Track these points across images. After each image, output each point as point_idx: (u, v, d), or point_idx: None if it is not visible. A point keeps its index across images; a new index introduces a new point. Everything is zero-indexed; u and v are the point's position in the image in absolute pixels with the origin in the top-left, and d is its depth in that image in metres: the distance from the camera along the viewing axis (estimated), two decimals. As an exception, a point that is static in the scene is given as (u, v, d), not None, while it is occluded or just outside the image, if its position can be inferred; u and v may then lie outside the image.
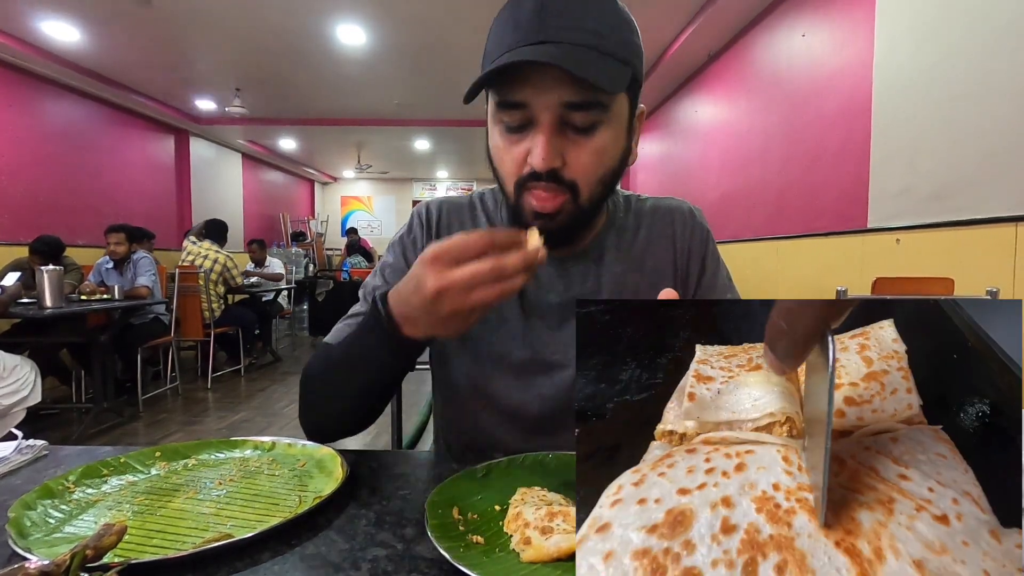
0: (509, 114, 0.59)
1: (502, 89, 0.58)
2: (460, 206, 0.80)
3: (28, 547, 0.46)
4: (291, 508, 0.54)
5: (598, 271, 0.73)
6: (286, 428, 3.40)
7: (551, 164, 0.58)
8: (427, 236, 0.78)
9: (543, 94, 0.57)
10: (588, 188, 0.61)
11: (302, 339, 7.09)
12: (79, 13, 3.93)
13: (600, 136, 0.59)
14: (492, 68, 0.55)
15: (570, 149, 0.59)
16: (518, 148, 0.60)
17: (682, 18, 4.01)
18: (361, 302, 0.79)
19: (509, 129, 0.60)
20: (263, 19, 4.08)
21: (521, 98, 0.58)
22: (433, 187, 11.80)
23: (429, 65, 5.03)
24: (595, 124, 0.59)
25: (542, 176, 0.59)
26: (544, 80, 0.56)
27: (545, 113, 0.57)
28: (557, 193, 0.60)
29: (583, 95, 0.56)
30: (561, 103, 0.57)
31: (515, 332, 0.73)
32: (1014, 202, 1.84)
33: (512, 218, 0.67)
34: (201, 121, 6.76)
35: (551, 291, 0.73)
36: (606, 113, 0.59)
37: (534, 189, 0.61)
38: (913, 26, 2.30)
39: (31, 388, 2.71)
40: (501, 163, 0.63)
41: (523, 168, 0.61)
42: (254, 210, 8.80)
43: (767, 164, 3.55)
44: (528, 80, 0.56)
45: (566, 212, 0.61)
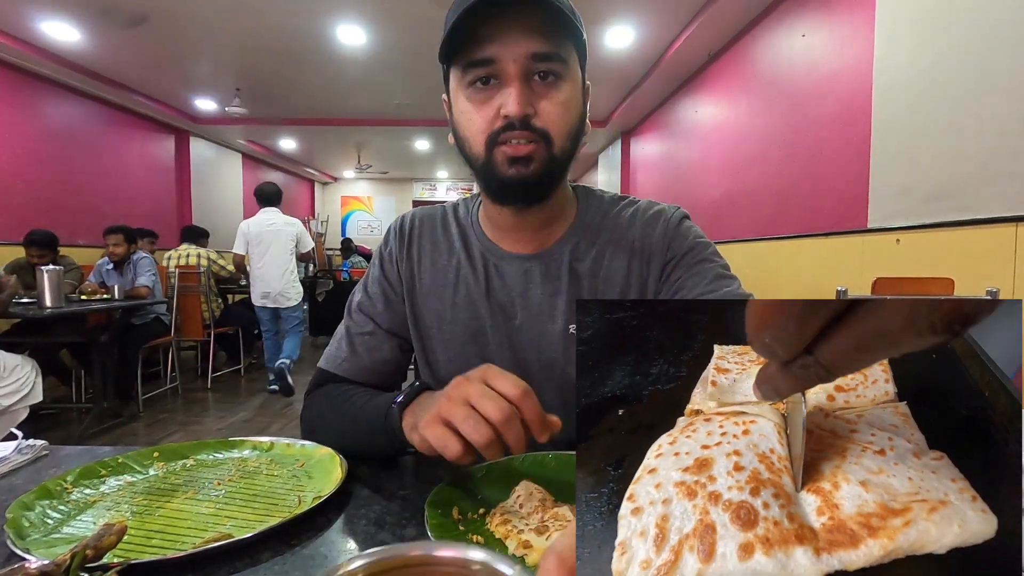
0: (476, 70, 0.63)
1: (470, 49, 0.62)
2: (432, 216, 0.82)
3: (27, 548, 0.46)
4: (290, 508, 0.54)
5: (558, 273, 0.73)
6: (286, 428, 3.40)
7: (525, 110, 0.61)
8: (401, 246, 0.80)
9: (510, 47, 0.61)
10: (559, 138, 0.64)
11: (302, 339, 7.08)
12: (79, 13, 3.93)
13: (563, 89, 0.64)
14: (469, 5, 0.58)
15: (538, 101, 0.63)
16: (488, 106, 0.63)
17: (682, 18, 4.01)
18: (346, 317, 0.80)
19: (477, 90, 0.64)
20: (263, 20, 4.08)
21: (490, 54, 0.61)
22: (433, 187, 11.80)
23: (429, 65, 4.99)
24: (558, 77, 0.63)
25: (515, 125, 0.62)
26: (510, 34, 0.61)
27: (513, 65, 0.61)
28: (530, 140, 0.63)
29: (548, 46, 0.61)
30: (528, 55, 0.61)
31: (485, 328, 0.75)
32: (1014, 202, 1.84)
33: (485, 179, 0.68)
34: (201, 121, 6.76)
35: (513, 290, 0.74)
36: (566, 67, 0.64)
37: (507, 140, 0.63)
38: (913, 26, 2.30)
39: (32, 387, 2.71)
40: (470, 124, 0.65)
41: (495, 123, 0.63)
42: (254, 210, 8.76)
43: (767, 164, 3.55)
44: (494, 37, 0.61)
45: (539, 159, 0.64)
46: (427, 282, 0.78)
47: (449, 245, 0.78)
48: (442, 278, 0.77)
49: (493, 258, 0.76)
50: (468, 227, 0.79)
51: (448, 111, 0.71)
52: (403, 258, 0.79)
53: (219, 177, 7.78)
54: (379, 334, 0.78)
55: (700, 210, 4.58)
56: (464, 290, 0.76)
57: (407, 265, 0.78)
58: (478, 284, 0.75)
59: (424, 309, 0.77)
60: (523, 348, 0.74)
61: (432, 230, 0.80)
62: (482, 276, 0.75)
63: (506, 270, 0.75)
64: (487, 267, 0.75)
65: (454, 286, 0.76)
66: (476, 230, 0.78)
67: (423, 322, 0.78)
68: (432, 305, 0.77)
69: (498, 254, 0.75)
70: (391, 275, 0.79)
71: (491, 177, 0.66)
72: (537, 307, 0.74)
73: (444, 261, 0.78)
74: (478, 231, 0.78)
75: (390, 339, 0.78)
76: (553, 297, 0.73)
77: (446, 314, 0.76)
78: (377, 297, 0.79)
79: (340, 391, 0.75)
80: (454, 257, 0.77)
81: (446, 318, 0.76)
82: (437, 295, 0.77)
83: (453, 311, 0.76)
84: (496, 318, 0.74)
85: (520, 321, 0.74)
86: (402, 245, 0.80)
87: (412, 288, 0.78)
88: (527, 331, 0.74)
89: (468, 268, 0.76)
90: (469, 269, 0.76)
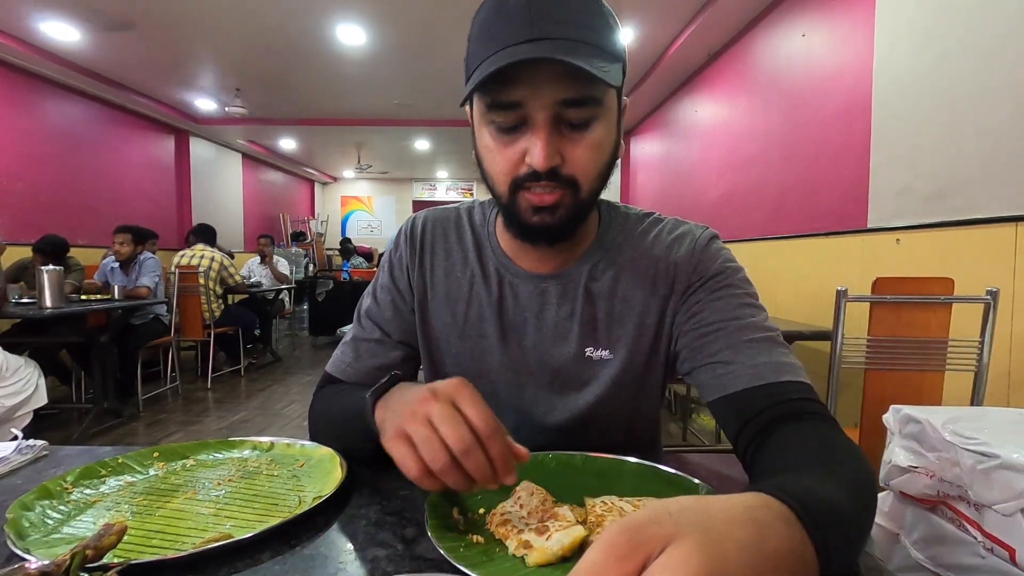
0: (502, 115, 0.58)
1: (495, 90, 0.56)
2: (446, 220, 0.78)
3: (27, 548, 0.46)
4: (291, 508, 0.54)
5: (575, 295, 0.71)
6: (286, 428, 3.40)
7: (551, 163, 0.57)
8: (413, 253, 0.76)
9: (538, 93, 0.56)
10: (588, 183, 0.61)
11: (302, 339, 7.09)
12: (79, 13, 3.93)
13: (596, 131, 0.59)
14: (493, 70, 0.53)
15: (567, 146, 0.58)
16: (512, 149, 0.59)
17: (682, 18, 4.01)
18: (355, 323, 0.79)
19: (501, 130, 0.59)
20: (263, 19, 4.08)
21: (516, 98, 0.56)
22: (433, 187, 11.79)
23: (429, 65, 5.02)
24: (590, 119, 0.58)
25: (542, 176, 0.58)
26: (538, 78, 0.55)
27: (541, 112, 0.56)
28: (555, 188, 0.59)
29: (579, 91, 0.56)
30: (557, 101, 0.56)
31: (493, 347, 0.73)
32: (1014, 202, 1.84)
33: (507, 218, 0.66)
34: (201, 121, 6.75)
35: (527, 310, 0.72)
36: (600, 108, 0.58)
37: (533, 187, 0.60)
38: (913, 26, 2.30)
39: (35, 389, 2.71)
40: (493, 164, 0.61)
41: (519, 168, 0.59)
42: (254, 210, 8.79)
43: (767, 164, 3.55)
44: (522, 79, 0.55)
45: (565, 206, 0.60)
46: (440, 293, 0.75)
47: (464, 255, 0.75)
48: (455, 291, 0.74)
49: (508, 275, 0.73)
50: (484, 238, 0.75)
51: (471, 124, 0.66)
52: (415, 266, 0.76)
53: (219, 177, 7.77)
54: (387, 343, 0.76)
55: (700, 210, 4.58)
56: (476, 306, 0.73)
57: (419, 274, 0.75)
58: (491, 300, 0.72)
59: (434, 320, 0.75)
60: (533, 370, 0.72)
61: (446, 236, 0.77)
62: (495, 293, 0.72)
63: (521, 289, 0.72)
64: (502, 284, 0.73)
65: (467, 300, 0.74)
66: (492, 242, 0.75)
67: (432, 333, 0.76)
68: (443, 317, 0.75)
69: (514, 271, 0.72)
70: (401, 283, 0.77)
71: (514, 219, 0.63)
72: (551, 328, 0.71)
73: (458, 272, 0.75)
74: (494, 243, 0.74)
75: (397, 348, 0.76)
76: (568, 319, 0.71)
77: (456, 328, 0.74)
78: (386, 305, 0.77)
79: (335, 390, 0.74)
80: (468, 269, 0.74)
81: (456, 332, 0.74)
82: (449, 308, 0.74)
83: (464, 326, 0.74)
84: (507, 337, 0.72)
85: (532, 342, 0.72)
86: (414, 252, 0.76)
87: (424, 298, 0.75)
88: (538, 352, 0.72)
89: (482, 283, 0.73)
90: (483, 284, 0.73)
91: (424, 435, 0.46)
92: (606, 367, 0.71)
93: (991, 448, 0.65)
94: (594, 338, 0.71)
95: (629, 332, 0.70)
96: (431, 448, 0.46)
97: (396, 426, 0.49)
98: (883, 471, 0.82)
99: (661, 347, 0.71)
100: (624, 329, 0.70)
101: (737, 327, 0.64)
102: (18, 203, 4.52)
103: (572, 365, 0.71)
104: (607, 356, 0.70)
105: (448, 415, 0.47)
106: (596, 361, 0.71)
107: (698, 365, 0.65)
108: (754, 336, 0.63)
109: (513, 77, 0.55)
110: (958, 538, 0.70)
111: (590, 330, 0.71)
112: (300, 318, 7.47)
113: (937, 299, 1.57)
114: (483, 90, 0.57)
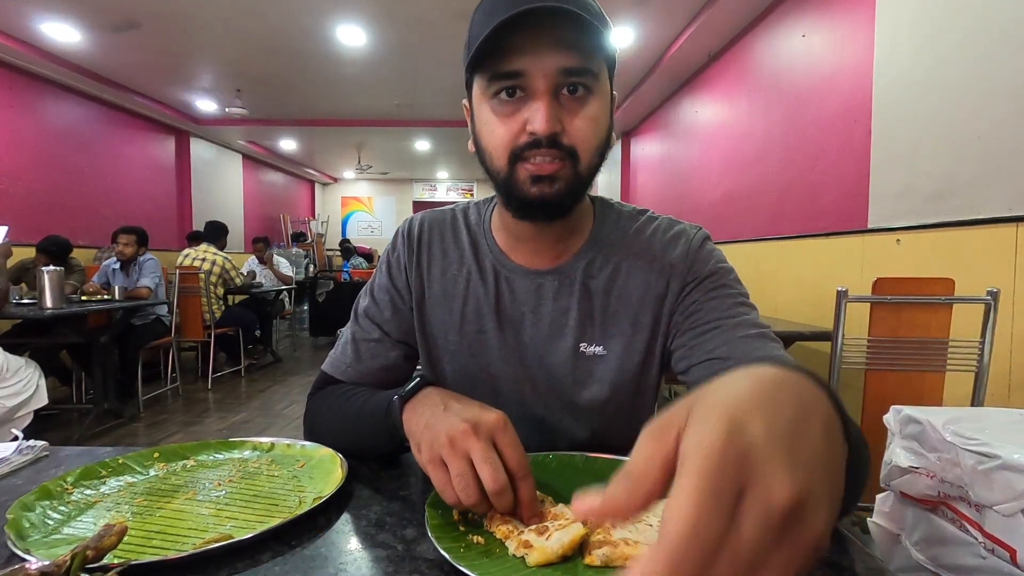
0: (503, 84, 0.60)
1: (497, 61, 0.59)
2: (442, 220, 0.79)
3: (27, 548, 0.46)
4: (291, 509, 0.54)
5: (572, 290, 0.71)
6: (286, 429, 3.40)
7: (553, 128, 0.59)
8: (410, 253, 0.77)
9: (540, 61, 0.58)
10: (587, 155, 0.62)
11: (303, 339, 7.09)
12: (79, 14, 3.93)
13: (592, 104, 0.61)
14: (497, 23, 0.55)
15: (566, 116, 0.60)
16: (513, 119, 0.61)
17: (682, 18, 4.01)
18: (352, 322, 0.79)
19: (502, 103, 0.61)
20: (263, 20, 4.08)
21: (518, 67, 0.58)
22: (433, 187, 11.79)
23: (429, 65, 5.02)
24: (588, 92, 0.61)
25: (542, 142, 0.59)
26: (540, 47, 0.58)
27: (542, 80, 0.58)
28: (556, 158, 0.60)
29: (580, 60, 0.59)
30: (558, 69, 0.58)
31: (491, 342, 0.73)
32: (1014, 202, 1.84)
33: (505, 195, 0.66)
34: (201, 122, 6.76)
35: (524, 305, 0.73)
36: (596, 82, 0.61)
37: (532, 158, 0.61)
38: (913, 27, 2.30)
39: (35, 390, 2.71)
40: (493, 136, 0.62)
41: (519, 138, 0.61)
42: (255, 211, 8.80)
43: (767, 164, 3.55)
44: (524, 49, 0.58)
45: (564, 177, 0.61)
46: (436, 291, 0.76)
47: (460, 254, 0.76)
48: (452, 288, 0.75)
49: (505, 271, 0.73)
50: (480, 235, 0.76)
51: (469, 118, 0.68)
52: (412, 265, 0.77)
53: (219, 178, 7.78)
54: (386, 342, 0.77)
55: (700, 210, 4.58)
56: (473, 302, 0.74)
57: (416, 273, 0.77)
58: (488, 297, 0.73)
59: (432, 318, 0.76)
60: (530, 364, 0.73)
61: (442, 236, 0.78)
62: (492, 289, 0.73)
63: (518, 284, 0.73)
64: (498, 280, 0.74)
65: (463, 297, 0.74)
66: (488, 239, 0.76)
67: (430, 332, 0.76)
68: (440, 315, 0.75)
69: (510, 267, 0.73)
70: (399, 282, 0.78)
71: (512, 193, 0.63)
72: (548, 323, 0.72)
73: (454, 271, 0.76)
74: (490, 240, 0.75)
75: (396, 347, 0.77)
76: (564, 314, 0.71)
77: (454, 325, 0.75)
78: (385, 304, 0.77)
79: (342, 390, 0.75)
80: (464, 267, 0.75)
81: (453, 329, 0.75)
82: (446, 305, 0.75)
83: (461, 323, 0.74)
84: (504, 332, 0.73)
85: (529, 337, 0.72)
86: (411, 252, 0.77)
87: (421, 297, 0.76)
88: (536, 347, 0.72)
89: (478, 280, 0.74)
90: (479, 281, 0.74)
91: (461, 470, 0.49)
92: (601, 364, 0.71)
93: (992, 449, 0.65)
94: (589, 334, 0.71)
95: (624, 329, 0.71)
96: (466, 484, 0.49)
97: (433, 450, 0.51)
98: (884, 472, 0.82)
99: (656, 345, 0.71)
100: (619, 326, 0.71)
101: (733, 324, 0.66)
102: (19, 204, 4.53)
103: (568, 360, 0.72)
104: (600, 352, 0.71)
105: (488, 457, 0.49)
106: (590, 357, 0.71)
107: (696, 362, 0.66)
108: (749, 332, 0.65)
109: (515, 47, 0.58)
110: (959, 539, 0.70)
111: (586, 326, 0.71)
112: (300, 319, 7.47)
113: (938, 299, 1.57)
114: (484, 65, 0.60)
